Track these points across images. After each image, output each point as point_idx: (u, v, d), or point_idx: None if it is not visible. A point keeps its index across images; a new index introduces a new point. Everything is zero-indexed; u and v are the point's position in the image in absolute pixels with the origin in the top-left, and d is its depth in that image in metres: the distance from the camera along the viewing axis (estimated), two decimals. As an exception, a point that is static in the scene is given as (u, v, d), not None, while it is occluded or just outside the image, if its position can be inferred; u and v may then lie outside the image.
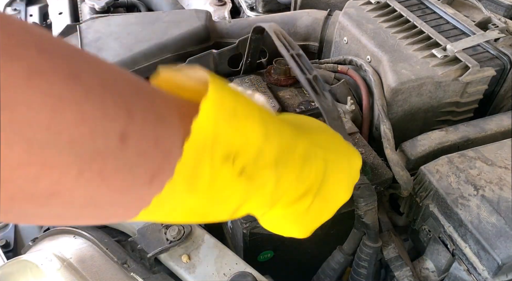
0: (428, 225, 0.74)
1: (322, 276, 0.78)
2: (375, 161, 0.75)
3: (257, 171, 0.35)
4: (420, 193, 0.74)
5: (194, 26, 1.05)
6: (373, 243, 0.71)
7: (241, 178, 0.34)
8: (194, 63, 0.95)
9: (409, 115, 0.88)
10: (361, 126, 0.89)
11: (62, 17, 1.34)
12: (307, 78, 0.62)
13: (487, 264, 0.64)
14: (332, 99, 0.61)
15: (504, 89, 0.91)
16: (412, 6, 1.00)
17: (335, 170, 0.45)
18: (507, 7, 1.10)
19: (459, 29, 0.93)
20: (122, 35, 1.04)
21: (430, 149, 0.80)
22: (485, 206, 0.67)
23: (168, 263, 0.68)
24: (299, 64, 0.64)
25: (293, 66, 0.65)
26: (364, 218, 0.68)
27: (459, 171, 0.72)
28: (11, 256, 0.86)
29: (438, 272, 0.74)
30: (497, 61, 0.87)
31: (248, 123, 0.34)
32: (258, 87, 0.89)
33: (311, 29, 1.09)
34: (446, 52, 0.85)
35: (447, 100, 0.87)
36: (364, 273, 0.74)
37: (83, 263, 0.66)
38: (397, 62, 0.84)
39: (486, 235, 0.64)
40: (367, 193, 0.66)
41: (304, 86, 0.62)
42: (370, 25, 0.94)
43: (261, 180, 0.36)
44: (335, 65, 0.95)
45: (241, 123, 0.33)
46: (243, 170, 0.34)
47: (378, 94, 0.84)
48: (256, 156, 0.35)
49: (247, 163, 0.34)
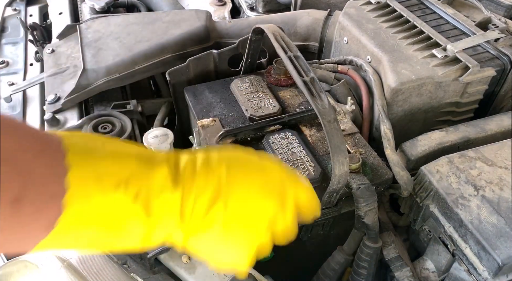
0: (429, 225, 0.74)
1: (322, 276, 0.78)
2: (375, 161, 0.75)
3: (152, 195, 0.36)
4: (420, 193, 0.74)
5: (194, 26, 1.05)
6: (373, 243, 0.71)
7: (136, 204, 0.35)
8: (194, 63, 0.95)
9: (409, 115, 0.88)
10: (361, 126, 0.89)
11: (62, 17, 1.34)
12: (304, 80, 0.62)
13: (488, 264, 0.63)
14: (329, 102, 0.61)
15: (504, 90, 0.91)
16: (412, 6, 1.00)
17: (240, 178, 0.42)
18: (507, 7, 1.10)
19: (459, 29, 0.93)
20: (122, 35, 1.04)
21: (430, 149, 0.80)
22: (485, 206, 0.67)
23: (168, 264, 0.68)
24: (296, 66, 0.65)
25: (290, 68, 0.65)
26: (365, 218, 0.68)
27: (460, 171, 0.72)
28: (11, 256, 0.86)
29: (438, 273, 0.74)
30: (497, 61, 0.87)
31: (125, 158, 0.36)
32: (258, 87, 0.89)
33: (311, 29, 1.09)
34: (446, 52, 0.85)
35: (447, 100, 0.87)
36: (364, 273, 0.74)
37: (83, 263, 0.66)
38: (397, 63, 0.84)
39: (487, 235, 0.64)
40: (367, 193, 0.66)
41: (300, 88, 0.62)
42: (370, 25, 0.94)
43: (161, 204, 0.37)
44: (335, 65, 0.95)
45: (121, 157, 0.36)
46: (137, 195, 0.35)
47: (378, 95, 0.84)
48: (148, 184, 0.36)
49: (139, 188, 0.36)
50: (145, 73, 1.01)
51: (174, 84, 0.96)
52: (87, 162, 0.34)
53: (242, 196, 0.42)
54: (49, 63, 1.05)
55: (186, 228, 0.40)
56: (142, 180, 0.36)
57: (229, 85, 0.91)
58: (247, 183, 0.43)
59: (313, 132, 0.80)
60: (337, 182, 0.63)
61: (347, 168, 0.62)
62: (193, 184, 0.39)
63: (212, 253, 0.43)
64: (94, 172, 0.33)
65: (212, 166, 0.41)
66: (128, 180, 0.35)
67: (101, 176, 0.34)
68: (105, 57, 0.99)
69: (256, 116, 0.81)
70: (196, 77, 0.97)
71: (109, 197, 0.34)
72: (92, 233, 0.35)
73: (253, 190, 0.43)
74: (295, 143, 0.76)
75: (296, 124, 0.82)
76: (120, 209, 0.35)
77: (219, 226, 0.41)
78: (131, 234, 0.37)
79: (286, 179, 0.46)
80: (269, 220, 0.44)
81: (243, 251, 0.43)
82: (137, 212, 0.36)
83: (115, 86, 0.99)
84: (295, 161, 0.73)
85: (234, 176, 0.42)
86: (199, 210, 0.39)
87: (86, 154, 0.34)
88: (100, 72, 0.97)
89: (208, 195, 0.40)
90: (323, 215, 0.71)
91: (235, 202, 0.41)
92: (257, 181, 0.44)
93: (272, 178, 0.45)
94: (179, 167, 0.40)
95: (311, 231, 0.74)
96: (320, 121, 0.59)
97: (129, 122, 0.91)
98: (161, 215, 0.37)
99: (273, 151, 0.75)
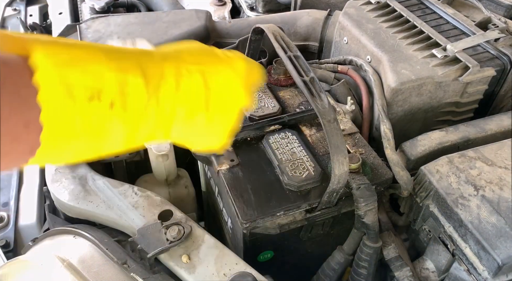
0: (428, 225, 0.74)
1: (322, 276, 0.78)
2: (375, 161, 0.75)
3: (128, 100, 0.38)
4: (420, 193, 0.74)
5: (194, 26, 1.05)
6: (373, 243, 0.71)
7: (113, 110, 0.37)
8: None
9: (409, 115, 0.88)
10: (361, 126, 0.89)
11: (62, 17, 1.34)
12: (303, 80, 0.62)
13: (487, 264, 0.63)
14: (329, 102, 0.61)
15: (504, 89, 0.91)
16: (412, 6, 1.00)
17: (216, 78, 0.46)
18: (507, 7, 1.10)
19: (459, 29, 0.93)
20: (122, 35, 1.04)
21: (430, 149, 0.80)
22: (485, 206, 0.67)
23: (168, 263, 0.68)
24: (296, 66, 0.65)
25: (290, 68, 0.65)
26: (364, 218, 0.68)
27: (459, 171, 0.72)
28: (11, 256, 0.86)
29: (438, 272, 0.74)
30: (497, 61, 0.87)
31: (94, 63, 0.36)
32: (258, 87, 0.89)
33: (311, 29, 1.09)
34: (446, 52, 0.85)
35: (447, 100, 0.87)
36: (364, 273, 0.74)
37: (83, 263, 0.66)
38: (397, 62, 0.84)
39: (486, 235, 0.64)
40: (367, 193, 0.66)
41: (300, 88, 0.62)
42: (370, 25, 0.94)
43: (137, 106, 0.39)
44: (335, 65, 0.95)
45: (87, 65, 0.35)
46: (113, 103, 0.37)
47: (378, 94, 0.84)
48: (121, 88, 0.37)
49: (114, 96, 0.37)
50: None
51: (174, 84, 0.96)
52: (56, 73, 0.34)
53: (223, 98, 0.46)
54: (49, 63, 1.05)
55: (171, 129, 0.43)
56: (114, 93, 0.37)
57: (229, 85, 0.91)
58: (224, 85, 0.47)
59: (313, 132, 0.80)
60: (337, 181, 0.63)
61: (347, 167, 0.62)
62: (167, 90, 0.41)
63: (194, 138, 0.48)
64: (61, 80, 0.33)
65: (182, 74, 0.43)
66: (100, 92, 0.36)
67: (70, 87, 0.34)
68: (105, 57, 0.99)
69: (256, 116, 0.81)
70: (196, 77, 0.97)
71: (84, 110, 0.35)
72: (75, 144, 0.37)
73: (233, 90, 0.48)
74: (295, 142, 0.76)
75: (296, 124, 0.82)
76: (96, 116, 0.36)
77: (205, 124, 0.45)
78: (113, 136, 0.39)
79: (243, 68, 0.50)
80: (247, 81, 0.49)
81: (225, 134, 0.49)
82: (114, 116, 0.37)
83: (115, 86, 0.99)
84: (295, 160, 0.73)
85: (210, 84, 0.45)
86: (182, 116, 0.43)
87: (55, 65, 0.34)
88: (100, 72, 0.97)
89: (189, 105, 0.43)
90: (323, 215, 0.71)
91: (216, 104, 0.46)
92: (234, 82, 0.48)
93: (240, 72, 0.49)
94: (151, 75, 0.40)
95: (311, 231, 0.74)
96: (320, 121, 0.59)
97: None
98: (138, 110, 0.39)
99: (273, 151, 0.75)
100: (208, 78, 0.45)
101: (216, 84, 0.46)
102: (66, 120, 0.34)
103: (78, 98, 0.34)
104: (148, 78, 0.39)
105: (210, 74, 0.45)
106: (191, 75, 0.43)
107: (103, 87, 0.36)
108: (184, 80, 0.42)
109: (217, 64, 0.47)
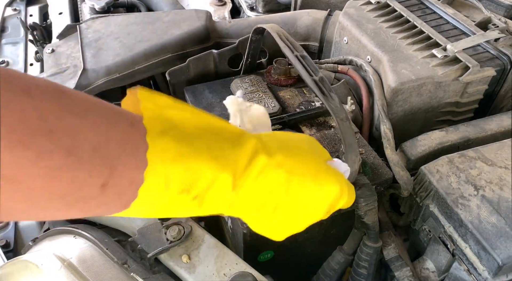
0: (428, 225, 0.74)
1: (322, 276, 0.78)
2: (375, 161, 0.75)
3: (212, 195, 0.41)
4: (420, 193, 0.74)
5: (194, 26, 1.05)
6: (373, 243, 0.71)
7: (195, 201, 0.40)
8: (194, 63, 0.95)
9: (409, 115, 0.88)
10: (361, 126, 0.89)
11: (62, 17, 1.34)
12: (314, 79, 0.62)
13: (487, 264, 0.63)
14: (339, 100, 0.61)
15: (504, 89, 0.91)
16: (412, 6, 1.00)
17: (297, 190, 0.46)
18: (507, 7, 1.10)
19: (459, 29, 0.93)
20: (122, 35, 1.04)
21: (430, 149, 0.80)
22: (485, 206, 0.67)
23: (168, 263, 0.68)
24: (305, 65, 0.64)
25: (299, 67, 0.64)
26: (365, 218, 0.68)
27: (459, 171, 0.72)
28: (11, 256, 0.86)
29: (438, 272, 0.74)
30: (497, 61, 0.87)
31: (197, 161, 0.39)
32: (258, 87, 0.89)
33: (311, 29, 1.09)
34: (446, 52, 0.85)
35: (447, 100, 0.87)
36: (364, 273, 0.74)
37: (83, 263, 0.66)
38: (397, 62, 0.84)
39: (486, 235, 0.64)
40: (368, 193, 0.66)
41: (311, 87, 0.61)
42: (370, 25, 0.94)
43: (217, 200, 0.42)
44: (335, 65, 0.95)
45: (190, 162, 0.38)
46: (197, 196, 0.40)
47: (378, 95, 0.84)
48: (208, 185, 0.40)
49: (200, 191, 0.40)
50: (145, 73, 1.01)
51: (174, 84, 0.96)
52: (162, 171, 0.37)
53: (295, 207, 0.47)
54: (49, 63, 1.05)
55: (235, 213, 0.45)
56: (203, 188, 0.40)
57: (229, 85, 0.91)
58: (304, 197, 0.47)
59: (313, 132, 0.80)
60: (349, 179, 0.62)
61: (358, 166, 0.61)
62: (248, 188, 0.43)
63: (252, 223, 0.48)
64: (164, 176, 0.37)
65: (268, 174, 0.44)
66: (191, 187, 0.39)
67: (169, 182, 0.38)
68: (105, 57, 0.99)
69: (256, 116, 0.81)
70: (196, 77, 0.97)
71: (172, 199, 0.39)
72: (153, 211, 0.41)
73: (309, 205, 0.48)
74: (295, 142, 0.76)
75: (296, 124, 0.82)
76: (179, 206, 0.40)
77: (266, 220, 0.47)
78: (184, 214, 0.43)
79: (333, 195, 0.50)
80: (329, 205, 0.50)
81: (284, 235, 0.50)
82: (194, 207, 0.41)
83: (115, 86, 0.99)
84: (295, 160, 0.73)
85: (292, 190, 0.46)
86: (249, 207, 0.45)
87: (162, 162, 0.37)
88: (100, 72, 0.97)
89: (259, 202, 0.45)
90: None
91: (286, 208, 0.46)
92: (315, 199, 0.48)
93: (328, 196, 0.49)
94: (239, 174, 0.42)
95: (307, 232, 0.74)
96: (334, 119, 0.59)
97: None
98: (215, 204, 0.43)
99: (273, 151, 0.74)
100: (292, 186, 0.46)
101: (294, 193, 0.46)
102: (154, 200, 0.38)
103: (172, 190, 0.38)
104: (236, 177, 0.41)
105: (297, 184, 0.46)
106: (277, 177, 0.45)
107: (196, 182, 0.39)
108: (267, 181, 0.44)
109: (307, 176, 0.47)
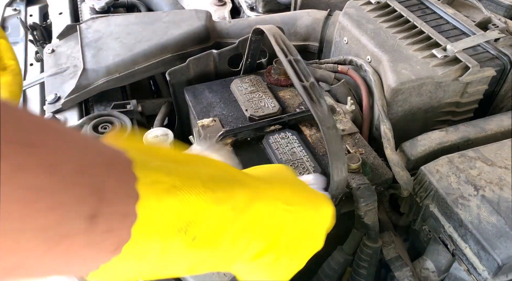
0: (428, 225, 0.74)
1: (322, 276, 0.78)
2: (375, 161, 0.75)
3: (209, 235, 0.36)
4: (420, 193, 0.74)
5: (194, 26, 1.05)
6: (373, 243, 0.71)
7: (194, 243, 0.35)
8: (194, 63, 0.95)
9: (409, 115, 0.88)
10: (361, 126, 0.89)
11: (62, 17, 1.34)
12: (303, 85, 0.62)
13: (487, 264, 0.63)
14: (328, 107, 0.60)
15: (504, 89, 0.91)
16: (412, 6, 1.00)
17: (298, 221, 0.44)
18: (507, 7, 1.10)
19: (459, 29, 0.93)
20: (122, 35, 1.04)
21: (430, 149, 0.80)
22: (485, 206, 0.67)
23: (168, 263, 0.68)
24: (296, 70, 0.64)
25: (290, 72, 0.64)
26: (364, 218, 0.68)
27: (459, 171, 0.72)
28: None
29: (438, 272, 0.74)
30: (497, 61, 0.87)
31: (192, 196, 0.34)
32: (258, 87, 0.89)
33: (311, 29, 1.09)
34: (446, 52, 0.85)
35: (447, 100, 0.87)
36: (364, 273, 0.74)
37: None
38: (397, 62, 0.84)
39: (486, 235, 0.64)
40: (367, 193, 0.66)
41: (300, 93, 0.62)
42: (370, 25, 0.94)
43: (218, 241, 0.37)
44: (335, 65, 0.95)
45: (185, 198, 0.34)
46: (195, 237, 0.35)
47: (378, 94, 0.84)
48: (208, 224, 0.36)
49: (199, 231, 0.35)
50: (145, 73, 1.01)
51: (174, 84, 0.96)
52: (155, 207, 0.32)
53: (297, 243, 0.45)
54: (49, 63, 1.05)
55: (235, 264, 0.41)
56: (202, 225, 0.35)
57: (229, 85, 0.91)
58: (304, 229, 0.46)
59: (313, 132, 0.80)
60: (336, 187, 0.63)
61: (346, 173, 0.61)
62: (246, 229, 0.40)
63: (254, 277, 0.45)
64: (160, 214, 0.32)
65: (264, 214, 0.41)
66: (189, 224, 0.35)
67: (166, 220, 0.33)
68: (105, 57, 0.99)
69: (256, 116, 0.81)
70: (196, 77, 0.97)
71: (169, 240, 0.34)
72: (146, 265, 0.35)
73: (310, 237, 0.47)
74: (295, 142, 0.76)
75: (296, 124, 0.82)
76: (176, 247, 0.35)
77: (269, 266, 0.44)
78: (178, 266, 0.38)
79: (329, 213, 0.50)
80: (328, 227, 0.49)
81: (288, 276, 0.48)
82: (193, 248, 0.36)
83: (115, 86, 1.00)
84: (295, 160, 0.73)
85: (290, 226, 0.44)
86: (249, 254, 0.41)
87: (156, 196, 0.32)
88: (100, 72, 0.97)
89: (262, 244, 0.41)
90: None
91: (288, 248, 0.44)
92: (314, 227, 0.47)
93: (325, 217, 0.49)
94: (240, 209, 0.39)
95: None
96: (320, 127, 0.59)
97: (129, 122, 0.91)
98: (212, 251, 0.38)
99: (273, 151, 0.75)
100: (290, 219, 0.43)
101: (295, 225, 0.44)
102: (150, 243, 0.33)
103: (169, 229, 0.33)
104: (236, 211, 0.38)
105: (292, 214, 0.43)
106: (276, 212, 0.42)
107: (194, 220, 0.35)
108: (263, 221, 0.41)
109: (303, 205, 0.45)
